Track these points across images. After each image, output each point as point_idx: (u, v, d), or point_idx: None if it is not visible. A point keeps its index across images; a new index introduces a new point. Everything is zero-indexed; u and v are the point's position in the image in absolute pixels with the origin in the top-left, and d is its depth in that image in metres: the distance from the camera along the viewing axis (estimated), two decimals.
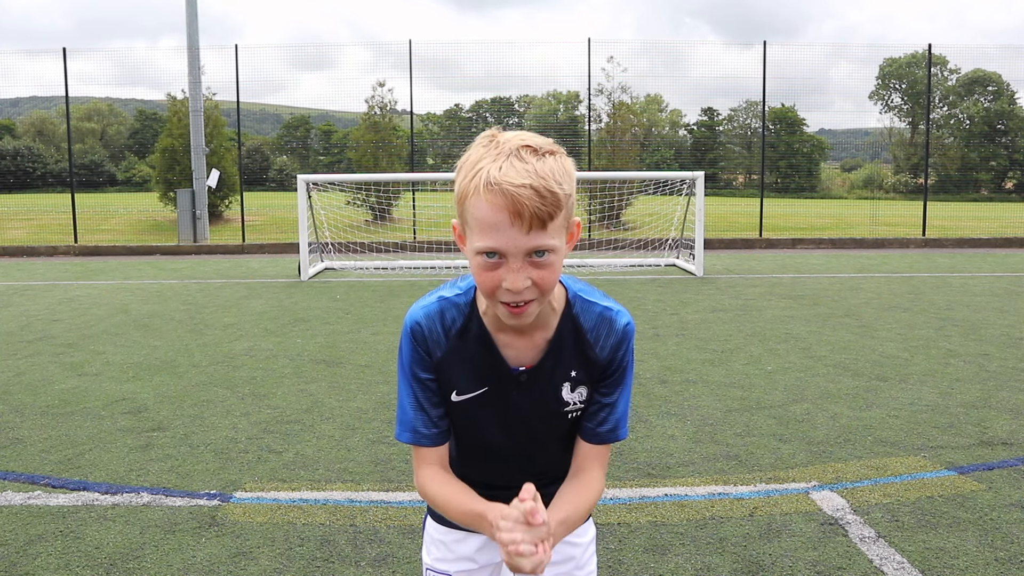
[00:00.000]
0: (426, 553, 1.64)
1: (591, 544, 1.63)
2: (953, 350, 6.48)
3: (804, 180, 43.90)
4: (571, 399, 1.46)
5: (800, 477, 3.80)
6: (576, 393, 1.46)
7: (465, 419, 1.48)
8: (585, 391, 1.47)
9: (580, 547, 1.60)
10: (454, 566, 1.59)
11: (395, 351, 6.87)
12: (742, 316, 8.16)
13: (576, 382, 1.46)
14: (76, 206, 17.77)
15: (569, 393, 1.46)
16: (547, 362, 1.43)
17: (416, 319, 1.43)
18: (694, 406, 4.96)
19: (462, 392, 1.46)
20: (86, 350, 6.69)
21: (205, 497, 3.59)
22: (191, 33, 17.72)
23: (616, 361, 1.45)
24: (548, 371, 1.44)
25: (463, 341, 1.43)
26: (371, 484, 3.74)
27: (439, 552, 1.61)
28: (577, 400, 1.47)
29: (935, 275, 11.64)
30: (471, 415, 1.47)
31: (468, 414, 1.47)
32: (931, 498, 3.54)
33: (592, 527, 1.65)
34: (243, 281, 11.40)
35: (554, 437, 1.50)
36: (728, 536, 3.19)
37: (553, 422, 1.48)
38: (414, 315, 1.44)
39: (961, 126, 50.28)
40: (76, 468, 3.96)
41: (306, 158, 50.57)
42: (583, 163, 19.33)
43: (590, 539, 1.63)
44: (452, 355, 1.43)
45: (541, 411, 1.46)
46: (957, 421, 4.62)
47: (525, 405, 1.46)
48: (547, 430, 1.49)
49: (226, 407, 5.01)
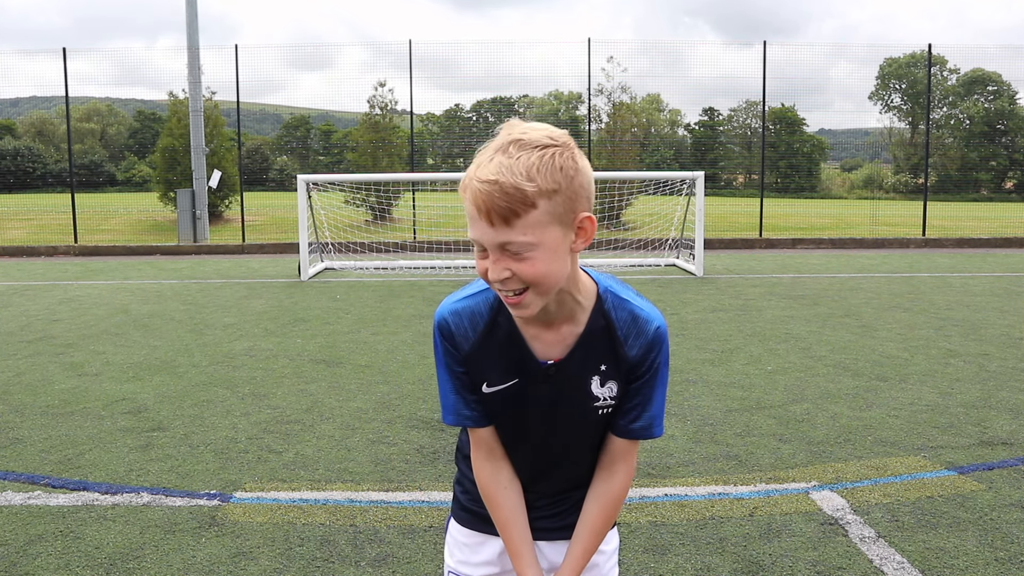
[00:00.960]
0: (448, 555, 1.64)
1: (614, 553, 1.64)
2: (953, 350, 6.48)
3: (804, 180, 43.90)
4: (601, 394, 1.45)
5: (800, 477, 3.80)
6: (606, 388, 1.45)
7: (497, 411, 1.49)
8: (615, 387, 1.46)
9: (604, 555, 1.60)
10: (476, 570, 1.59)
11: (395, 351, 6.89)
12: (742, 316, 8.16)
13: (606, 377, 1.45)
14: (76, 206, 17.76)
15: (599, 388, 1.45)
16: (576, 356, 1.43)
17: (444, 315, 1.46)
18: (694, 406, 4.96)
19: (492, 384, 1.47)
20: (86, 350, 6.69)
21: (205, 497, 3.59)
22: (191, 33, 17.72)
23: (648, 362, 1.44)
24: (577, 365, 1.44)
25: (492, 335, 1.44)
26: (371, 484, 3.74)
27: (461, 555, 1.61)
28: (607, 395, 1.46)
29: (935, 275, 11.64)
30: (502, 407, 1.48)
31: (499, 406, 1.48)
32: (931, 498, 3.54)
33: (616, 536, 1.65)
34: (243, 281, 11.40)
35: (584, 432, 1.50)
36: (728, 536, 3.19)
37: (583, 416, 1.47)
38: (442, 311, 1.47)
39: (961, 126, 50.28)
40: (76, 468, 3.96)
41: (306, 158, 50.59)
42: None
43: (613, 548, 1.64)
44: (480, 349, 1.45)
45: (571, 405, 1.46)
46: (957, 421, 4.62)
47: (555, 399, 1.46)
48: (577, 424, 1.49)
49: (226, 407, 5.01)
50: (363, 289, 10.40)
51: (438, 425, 4.59)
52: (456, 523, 1.63)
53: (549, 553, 1.58)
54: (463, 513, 1.62)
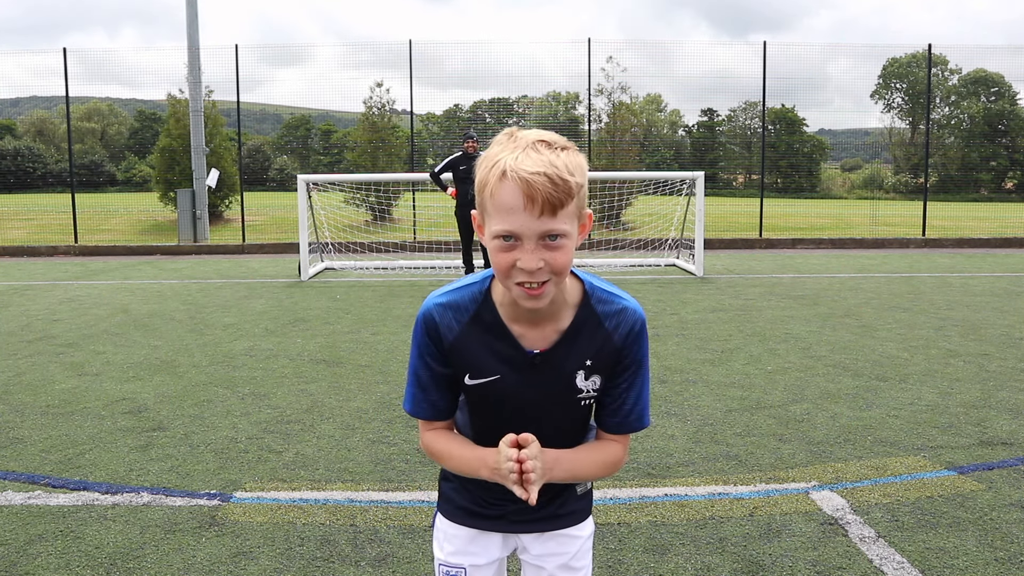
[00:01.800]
0: (438, 549, 1.67)
1: (589, 539, 1.67)
2: (953, 350, 6.48)
3: (804, 180, 43.88)
4: (584, 387, 1.51)
5: (800, 477, 3.80)
6: (590, 381, 1.51)
7: (480, 402, 1.54)
8: (599, 380, 1.52)
9: (579, 540, 1.65)
10: (467, 559, 1.64)
11: (395, 351, 6.88)
12: (742, 316, 8.16)
13: (590, 371, 1.51)
14: (76, 206, 17.77)
15: (583, 381, 1.51)
16: (561, 348, 1.49)
17: (429, 307, 1.52)
18: (694, 406, 4.96)
19: (475, 376, 1.51)
20: (86, 350, 6.69)
21: (205, 497, 3.60)
22: (191, 33, 17.72)
23: (633, 354, 1.51)
24: (562, 357, 1.49)
25: (476, 327, 1.49)
26: (371, 484, 3.74)
27: (452, 546, 1.65)
28: (591, 388, 1.52)
29: (935, 275, 11.64)
30: (485, 398, 1.53)
31: (482, 397, 1.53)
32: (931, 498, 3.54)
33: (592, 524, 1.69)
34: (243, 281, 11.40)
35: (566, 422, 1.56)
36: (728, 536, 3.19)
37: (565, 408, 1.54)
38: (428, 303, 1.52)
39: (961, 126, 50.28)
40: (76, 468, 3.96)
41: (306, 158, 50.58)
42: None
43: (588, 534, 1.67)
44: (465, 340, 1.50)
45: (554, 396, 1.51)
46: (957, 421, 4.62)
47: (539, 390, 1.51)
48: (559, 416, 1.54)
49: (226, 407, 5.01)
50: (363, 289, 10.40)
51: None
52: (443, 517, 1.67)
53: (531, 546, 1.64)
54: (448, 506, 1.66)
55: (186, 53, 17.80)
